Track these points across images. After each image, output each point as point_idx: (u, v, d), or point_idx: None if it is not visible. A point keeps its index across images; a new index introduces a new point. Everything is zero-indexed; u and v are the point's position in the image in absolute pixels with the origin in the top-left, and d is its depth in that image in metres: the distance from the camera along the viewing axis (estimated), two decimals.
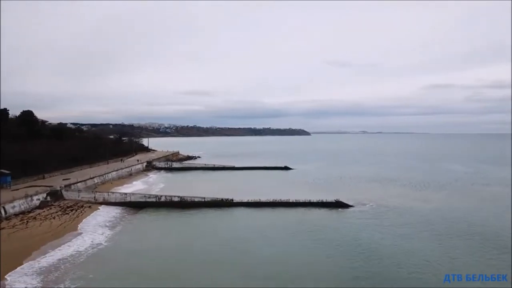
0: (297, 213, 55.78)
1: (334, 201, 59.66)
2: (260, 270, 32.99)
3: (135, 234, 44.73)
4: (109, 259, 35.69)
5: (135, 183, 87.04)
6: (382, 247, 38.78)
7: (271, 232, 45.09)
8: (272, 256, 36.57)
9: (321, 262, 35.16)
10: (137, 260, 35.43)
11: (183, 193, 66.84)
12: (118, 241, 41.51)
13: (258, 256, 36.86)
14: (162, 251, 38.33)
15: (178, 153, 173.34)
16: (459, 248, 38.63)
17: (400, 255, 36.38)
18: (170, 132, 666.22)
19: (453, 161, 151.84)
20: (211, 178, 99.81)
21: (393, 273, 32.08)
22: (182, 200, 59.62)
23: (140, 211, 56.79)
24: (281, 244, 40.49)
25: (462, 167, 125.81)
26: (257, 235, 44.17)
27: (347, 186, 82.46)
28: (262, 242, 41.24)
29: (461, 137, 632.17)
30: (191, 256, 37.14)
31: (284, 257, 36.45)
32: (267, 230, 46.50)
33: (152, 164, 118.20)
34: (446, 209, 57.28)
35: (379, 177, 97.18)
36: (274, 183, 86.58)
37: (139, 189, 77.52)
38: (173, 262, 35.54)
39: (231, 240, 42.29)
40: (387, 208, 57.57)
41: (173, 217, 54.26)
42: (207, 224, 50.05)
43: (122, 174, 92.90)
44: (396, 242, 40.73)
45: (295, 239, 42.25)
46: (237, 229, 47.35)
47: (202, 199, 59.75)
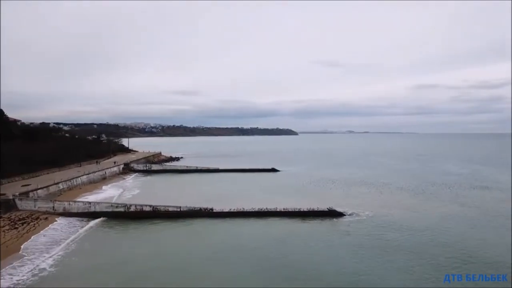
0: (286, 225, 49.02)
1: (327, 210, 53.12)
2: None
3: (92, 255, 37.19)
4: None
5: (107, 188, 79.10)
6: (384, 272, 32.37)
7: (254, 252, 38.14)
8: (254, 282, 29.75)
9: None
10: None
11: (160, 200, 60.35)
12: (68, 264, 33.97)
13: (237, 282, 30.00)
14: (121, 276, 31.10)
15: (160, 154, 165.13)
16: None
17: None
18: (156, 132, 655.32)
19: (445, 162, 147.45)
20: (192, 181, 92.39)
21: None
22: (155, 209, 52.26)
23: (105, 223, 49.32)
24: (266, 268, 33.60)
25: (455, 168, 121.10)
26: (237, 255, 37.18)
27: (339, 190, 76.09)
28: (243, 264, 34.34)
29: (448, 137, 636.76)
30: (155, 283, 30.05)
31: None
32: (249, 247, 39.64)
33: (130, 166, 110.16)
34: (451, 221, 51.19)
35: (372, 179, 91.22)
36: (260, 188, 79.62)
37: (110, 196, 69.87)
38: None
39: (206, 261, 35.26)
40: (384, 218, 51.16)
41: (142, 230, 46.86)
42: (181, 240, 42.96)
43: (94, 178, 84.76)
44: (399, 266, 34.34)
45: (281, 266, 35.36)
46: (214, 246, 40.29)
47: (178, 209, 52.48)
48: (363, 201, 63.58)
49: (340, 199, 65.26)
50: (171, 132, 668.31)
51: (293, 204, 56.68)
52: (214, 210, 52.49)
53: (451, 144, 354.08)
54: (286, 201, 60.51)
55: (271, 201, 59.96)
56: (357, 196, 68.45)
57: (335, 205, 55.71)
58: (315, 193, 72.48)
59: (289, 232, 45.24)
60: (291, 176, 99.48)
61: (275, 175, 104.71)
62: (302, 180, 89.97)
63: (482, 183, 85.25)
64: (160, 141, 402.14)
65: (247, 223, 49.66)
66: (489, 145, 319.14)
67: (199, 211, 52.25)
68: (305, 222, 50.03)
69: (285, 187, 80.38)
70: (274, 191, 74.34)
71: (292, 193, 71.81)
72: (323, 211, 52.87)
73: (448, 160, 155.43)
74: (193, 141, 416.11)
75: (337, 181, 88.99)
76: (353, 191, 74.30)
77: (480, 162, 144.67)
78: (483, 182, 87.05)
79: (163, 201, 59.45)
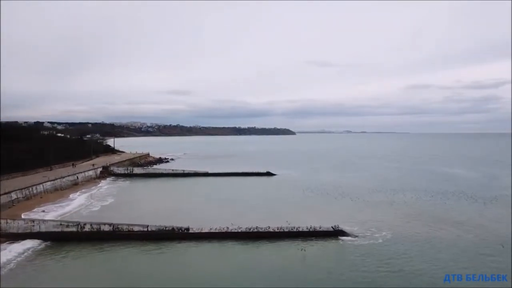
0: (280, 250, 38.57)
1: (331, 229, 42.65)
2: None
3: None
4: None
5: (75, 196, 68.31)
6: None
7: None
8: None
9: None
10: None
11: (132, 213, 50.70)
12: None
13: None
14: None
15: (148, 155, 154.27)
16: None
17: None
18: (152, 131, 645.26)
19: (450, 164, 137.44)
20: (175, 188, 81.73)
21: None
22: (115, 229, 41.56)
23: (50, 248, 38.67)
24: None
25: (464, 171, 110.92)
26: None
27: (343, 199, 65.48)
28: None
29: (442, 137, 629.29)
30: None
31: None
32: (230, 283, 29.25)
33: (109, 169, 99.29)
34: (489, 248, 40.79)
35: (378, 185, 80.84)
36: (251, 197, 68.94)
37: (75, 207, 59.32)
38: None
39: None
40: (404, 240, 40.74)
41: (95, 259, 36.25)
42: (146, 271, 32.35)
43: (62, 184, 73.96)
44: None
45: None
46: (184, 282, 29.88)
47: (145, 228, 41.81)
48: (374, 215, 53.07)
49: (345, 212, 54.99)
50: (167, 131, 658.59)
51: (290, 218, 46.54)
52: (190, 231, 41.84)
53: (448, 144, 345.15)
54: (281, 215, 50.29)
55: (263, 216, 49.78)
56: (365, 208, 57.95)
57: (340, 220, 45.56)
58: (315, 204, 62.11)
59: (285, 261, 34.75)
60: (288, 181, 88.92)
61: (270, 180, 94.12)
62: (299, 186, 79.42)
63: (500, 191, 74.67)
64: (155, 141, 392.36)
65: (231, 248, 39.11)
66: (486, 145, 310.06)
67: (171, 231, 41.60)
68: (304, 244, 39.58)
69: (281, 195, 69.67)
70: (267, 202, 63.66)
71: (288, 204, 61.27)
72: (327, 231, 42.42)
73: (453, 162, 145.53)
74: (188, 141, 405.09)
75: (339, 187, 78.43)
76: (359, 201, 63.76)
77: (486, 164, 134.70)
78: (499, 189, 76.62)
79: (136, 214, 49.79)
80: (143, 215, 51.26)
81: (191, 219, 47.60)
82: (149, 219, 47.01)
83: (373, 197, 67.32)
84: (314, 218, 47.61)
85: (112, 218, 48.81)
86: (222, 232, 41.72)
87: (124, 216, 51.57)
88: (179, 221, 45.45)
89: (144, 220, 46.31)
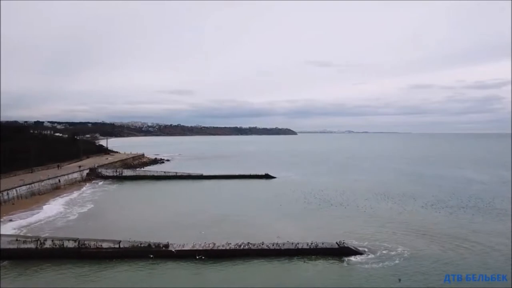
0: (276, 270, 32.33)
1: (336, 246, 36.26)
2: None
3: None
4: None
5: (53, 202, 62.22)
6: None
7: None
8: None
9: None
10: None
11: (105, 223, 45.00)
12: None
13: None
14: None
15: (143, 155, 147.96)
16: None
17: None
18: (153, 131, 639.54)
19: (461, 166, 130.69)
20: (165, 193, 75.15)
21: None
22: (81, 246, 35.23)
23: (4, 268, 32.40)
24: None
25: (478, 174, 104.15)
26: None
27: (347, 207, 59.00)
28: None
29: (444, 137, 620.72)
30: None
31: None
32: None
33: (97, 171, 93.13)
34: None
35: (385, 190, 74.27)
36: (247, 203, 62.62)
37: (49, 215, 53.37)
38: None
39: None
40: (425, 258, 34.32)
41: (53, 283, 29.99)
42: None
43: (41, 188, 67.83)
44: None
45: None
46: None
47: (116, 245, 35.47)
48: (383, 226, 46.60)
49: (350, 223, 48.65)
50: (168, 131, 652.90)
51: (288, 232, 40.56)
52: (169, 248, 35.48)
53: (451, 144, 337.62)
54: (278, 227, 44.08)
55: (256, 228, 43.53)
56: (373, 218, 51.42)
57: (346, 234, 39.39)
58: (315, 212, 55.68)
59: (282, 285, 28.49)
60: (287, 185, 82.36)
61: (268, 184, 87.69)
62: (299, 191, 72.95)
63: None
64: (154, 141, 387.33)
65: (217, 268, 32.79)
66: (490, 146, 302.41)
67: (146, 248, 35.25)
68: (304, 263, 33.33)
69: (278, 202, 63.05)
70: (263, 210, 57.12)
71: (286, 213, 54.76)
72: (331, 248, 36.02)
73: (462, 164, 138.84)
74: (188, 141, 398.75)
75: (343, 192, 71.99)
76: (365, 209, 57.29)
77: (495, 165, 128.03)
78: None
79: (112, 225, 43.86)
80: (120, 226, 45.27)
81: (175, 231, 41.77)
82: (126, 231, 41.09)
83: (381, 205, 60.87)
84: (315, 230, 41.45)
85: (86, 229, 42.98)
86: (207, 249, 35.33)
87: (100, 226, 45.62)
88: (160, 234, 39.45)
89: (120, 232, 40.35)
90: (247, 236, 38.88)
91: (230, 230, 43.14)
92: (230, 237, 38.38)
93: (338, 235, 39.28)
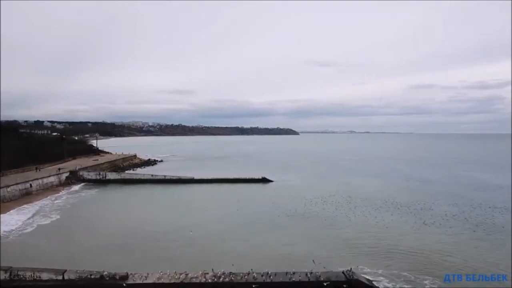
0: None
1: (344, 277, 28.14)
2: None
3: None
4: None
5: (13, 211, 54.28)
6: None
7: None
8: None
9: None
10: None
11: (65, 240, 37.98)
12: None
13: None
14: None
15: (135, 156, 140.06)
16: None
17: None
18: (154, 131, 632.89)
19: (469, 167, 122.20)
20: (147, 200, 66.53)
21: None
22: (14, 277, 27.27)
23: None
24: None
25: (488, 176, 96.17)
26: None
27: (352, 219, 50.66)
28: None
29: (446, 138, 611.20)
30: None
31: None
32: None
33: (79, 174, 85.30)
34: None
35: (396, 197, 65.96)
36: (236, 216, 53.76)
37: (6, 228, 45.30)
38: None
39: None
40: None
41: None
42: None
43: (7, 194, 59.95)
44: None
45: None
46: None
47: (59, 276, 27.50)
48: (401, 244, 38.31)
49: (359, 241, 40.42)
50: (169, 131, 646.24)
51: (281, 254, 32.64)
52: (128, 280, 27.46)
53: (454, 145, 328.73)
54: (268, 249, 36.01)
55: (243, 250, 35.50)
56: (386, 234, 43.04)
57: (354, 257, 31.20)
58: (315, 226, 47.22)
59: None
60: (285, 190, 74.10)
61: (265, 188, 79.48)
62: (297, 198, 64.60)
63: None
64: (154, 141, 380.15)
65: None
66: (494, 146, 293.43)
67: (97, 281, 27.22)
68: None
69: (273, 214, 54.13)
70: (252, 225, 48.06)
71: (280, 229, 46.07)
72: (338, 281, 27.89)
73: (471, 165, 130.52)
74: (188, 141, 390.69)
75: (349, 199, 63.86)
76: (375, 222, 49.01)
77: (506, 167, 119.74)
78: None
79: (70, 245, 36.57)
80: (75, 247, 37.06)
81: (143, 253, 33.60)
82: (80, 253, 33.15)
83: (394, 215, 52.65)
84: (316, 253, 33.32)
85: (30, 252, 34.94)
86: (177, 283, 27.28)
87: (51, 247, 37.32)
88: (123, 258, 31.45)
89: (73, 254, 32.42)
90: (230, 261, 30.88)
91: (209, 253, 35.07)
92: (209, 264, 30.33)
93: (344, 258, 31.29)
